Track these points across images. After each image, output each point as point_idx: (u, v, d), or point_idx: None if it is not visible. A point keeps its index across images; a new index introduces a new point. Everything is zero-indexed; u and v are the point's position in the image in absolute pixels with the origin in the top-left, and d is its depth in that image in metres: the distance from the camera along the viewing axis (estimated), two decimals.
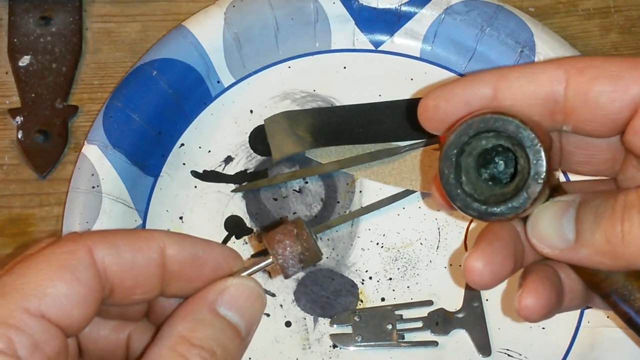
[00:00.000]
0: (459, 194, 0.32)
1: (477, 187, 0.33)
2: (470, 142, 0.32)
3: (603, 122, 0.33)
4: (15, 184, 0.60)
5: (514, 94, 0.33)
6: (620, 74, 0.32)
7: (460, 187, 0.32)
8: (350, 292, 0.56)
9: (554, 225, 0.32)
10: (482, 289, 0.37)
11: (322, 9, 0.62)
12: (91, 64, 0.63)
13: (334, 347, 0.55)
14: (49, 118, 0.60)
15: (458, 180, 0.32)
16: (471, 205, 0.32)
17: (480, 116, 0.32)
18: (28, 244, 0.58)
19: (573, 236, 0.32)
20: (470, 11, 0.61)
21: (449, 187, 0.32)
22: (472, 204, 0.32)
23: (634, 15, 0.65)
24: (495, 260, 0.34)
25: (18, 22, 0.63)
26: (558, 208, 0.32)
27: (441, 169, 0.32)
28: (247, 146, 0.60)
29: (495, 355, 0.54)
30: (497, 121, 0.31)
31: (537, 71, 0.33)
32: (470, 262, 0.34)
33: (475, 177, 0.33)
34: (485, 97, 0.34)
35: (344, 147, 0.60)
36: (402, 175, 0.59)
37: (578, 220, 0.31)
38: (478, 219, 0.32)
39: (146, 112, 0.58)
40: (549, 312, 0.35)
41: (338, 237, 0.58)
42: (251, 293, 0.31)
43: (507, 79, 0.34)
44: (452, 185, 0.32)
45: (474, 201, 0.32)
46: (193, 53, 0.60)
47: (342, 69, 0.63)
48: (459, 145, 0.32)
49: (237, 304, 0.30)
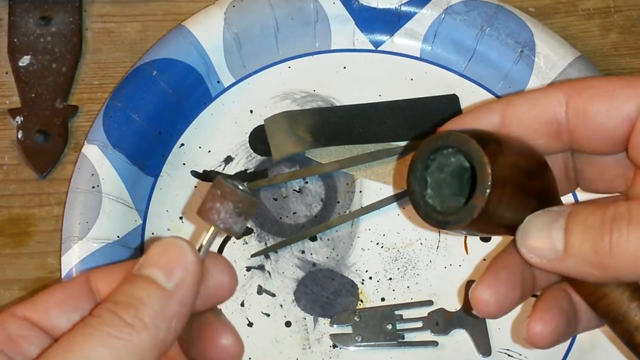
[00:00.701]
0: (420, 204, 0.35)
1: (445, 201, 0.35)
2: (434, 157, 0.34)
3: (604, 140, 0.34)
4: (15, 184, 0.60)
5: (519, 120, 0.35)
6: (615, 93, 0.33)
7: (423, 198, 0.35)
8: (350, 292, 0.56)
9: (542, 235, 0.32)
10: (490, 318, 0.38)
11: (322, 9, 0.62)
12: (91, 64, 0.63)
13: (334, 347, 0.55)
14: (49, 118, 0.60)
15: (422, 192, 0.35)
16: (431, 215, 0.34)
17: (438, 134, 0.34)
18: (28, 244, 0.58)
19: (562, 246, 0.32)
20: (470, 11, 0.61)
21: (413, 198, 0.35)
22: (432, 213, 0.34)
23: (634, 15, 0.65)
24: (501, 290, 0.35)
25: (18, 22, 0.63)
26: (547, 218, 0.33)
27: (408, 182, 0.35)
28: (247, 146, 0.60)
29: (495, 355, 0.54)
30: (450, 137, 0.33)
31: (539, 96, 0.35)
32: (476, 292, 0.35)
33: (450, 192, 0.35)
34: (493, 125, 0.35)
35: (344, 147, 0.60)
36: (402, 175, 0.59)
37: (567, 231, 0.32)
38: (438, 227, 0.34)
39: (146, 112, 0.58)
40: (558, 339, 0.36)
41: (338, 237, 0.58)
42: (164, 243, 0.30)
43: (512, 106, 0.35)
44: (417, 196, 0.35)
45: (433, 211, 0.34)
46: (193, 53, 0.60)
47: (342, 69, 0.63)
48: (423, 160, 0.34)
49: (152, 259, 0.30)
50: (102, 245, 0.54)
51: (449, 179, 0.35)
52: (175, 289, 0.29)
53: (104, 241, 0.54)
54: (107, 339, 0.27)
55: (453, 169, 0.35)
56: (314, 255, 0.57)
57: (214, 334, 0.32)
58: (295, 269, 0.57)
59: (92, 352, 0.27)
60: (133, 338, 0.27)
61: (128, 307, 0.28)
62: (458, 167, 0.34)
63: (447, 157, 0.34)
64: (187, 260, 0.30)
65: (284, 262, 0.57)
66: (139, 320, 0.28)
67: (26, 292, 0.57)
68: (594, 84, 0.34)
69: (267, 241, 0.57)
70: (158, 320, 0.28)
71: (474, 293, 0.35)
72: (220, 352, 0.32)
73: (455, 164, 0.34)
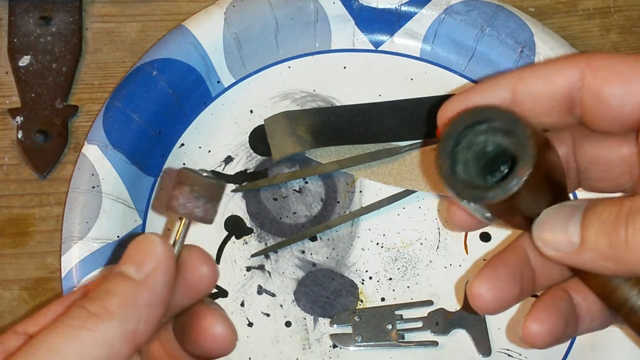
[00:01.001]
0: (452, 180, 0.33)
1: (474, 179, 0.34)
2: (465, 133, 0.33)
3: (614, 121, 0.34)
4: (15, 184, 0.60)
5: (532, 96, 0.35)
6: (630, 77, 0.33)
7: (454, 174, 0.33)
8: (350, 292, 0.56)
9: (559, 229, 0.32)
10: (487, 314, 0.38)
11: (322, 9, 0.62)
12: (91, 64, 0.63)
13: (334, 347, 0.55)
14: (49, 118, 0.60)
15: (453, 169, 0.33)
16: (463, 191, 0.33)
17: (473, 108, 0.33)
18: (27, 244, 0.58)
19: (578, 240, 0.32)
20: (470, 11, 0.61)
21: (443, 174, 0.34)
22: (465, 189, 0.33)
23: (634, 15, 0.65)
24: (498, 286, 0.35)
25: (18, 22, 0.63)
26: (564, 212, 0.33)
27: (438, 158, 0.34)
28: (247, 146, 0.60)
29: (495, 355, 0.54)
30: (488, 111, 0.33)
31: (553, 72, 0.34)
32: (473, 287, 0.35)
33: (474, 173, 0.34)
34: (504, 100, 0.35)
35: (344, 147, 0.60)
36: (402, 175, 0.59)
37: (583, 225, 0.32)
38: (471, 201, 0.33)
39: (146, 112, 0.58)
40: (554, 340, 0.36)
41: (338, 237, 0.58)
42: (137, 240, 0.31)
43: (524, 82, 0.35)
44: (447, 173, 0.33)
45: (466, 187, 0.33)
46: (193, 53, 0.60)
47: (342, 69, 0.63)
48: (454, 136, 0.33)
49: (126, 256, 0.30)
50: (102, 245, 0.54)
51: (472, 160, 0.34)
52: (145, 279, 0.29)
53: (104, 241, 0.55)
54: (72, 330, 0.27)
55: (478, 149, 0.34)
56: (314, 255, 0.57)
57: (204, 324, 0.32)
58: (295, 269, 0.57)
59: (59, 346, 0.27)
60: (99, 327, 0.28)
61: (95, 299, 0.28)
62: (483, 149, 0.34)
63: (477, 135, 0.34)
64: (157, 251, 0.30)
65: (284, 262, 0.57)
66: (104, 309, 0.28)
67: (27, 292, 0.57)
68: (609, 64, 0.33)
69: (267, 241, 0.57)
70: (126, 309, 0.28)
71: (471, 287, 0.35)
72: (212, 340, 0.32)
73: (481, 145, 0.34)
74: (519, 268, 0.36)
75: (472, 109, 0.33)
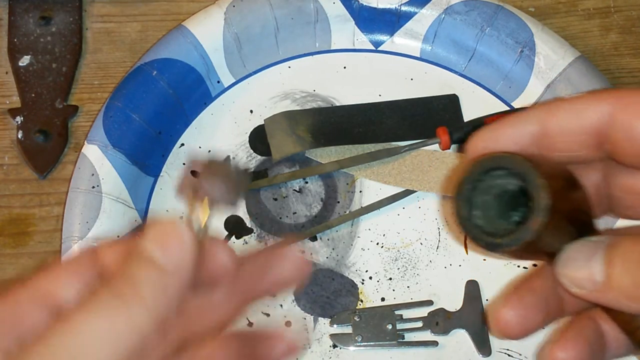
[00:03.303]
0: (469, 225, 0.34)
1: (492, 223, 0.34)
2: (482, 179, 0.34)
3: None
4: (15, 184, 0.60)
5: (562, 130, 0.34)
6: None
7: (470, 219, 0.34)
8: (350, 292, 0.56)
9: (582, 266, 0.32)
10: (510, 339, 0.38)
11: (322, 9, 0.62)
12: (91, 64, 0.63)
13: (334, 347, 0.55)
14: (49, 118, 0.60)
15: (470, 213, 0.34)
16: (479, 237, 0.33)
17: (488, 155, 0.34)
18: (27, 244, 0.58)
19: (602, 278, 0.32)
20: (470, 11, 0.61)
21: (460, 220, 0.34)
22: (481, 235, 0.33)
23: (634, 15, 0.65)
24: (525, 313, 0.35)
25: (18, 22, 0.63)
26: (587, 249, 0.33)
27: (454, 203, 0.34)
28: (247, 146, 0.60)
29: (495, 355, 0.54)
30: (503, 159, 0.33)
31: (584, 107, 0.34)
32: (499, 314, 0.35)
33: (494, 214, 0.34)
34: (534, 135, 0.35)
35: (344, 147, 0.60)
36: (402, 175, 0.59)
37: (607, 263, 0.32)
38: (487, 250, 0.33)
39: (146, 112, 0.58)
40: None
41: (338, 237, 0.58)
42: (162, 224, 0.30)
43: (554, 116, 0.35)
44: (464, 218, 0.34)
45: (482, 233, 0.33)
46: (193, 53, 0.60)
47: (342, 69, 0.63)
48: (471, 181, 0.34)
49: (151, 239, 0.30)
50: None
51: (492, 201, 0.34)
52: (173, 267, 0.29)
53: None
54: (107, 314, 0.27)
55: (499, 190, 0.34)
56: (314, 255, 0.57)
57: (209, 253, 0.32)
58: None
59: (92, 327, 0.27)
60: (132, 313, 0.27)
61: (127, 284, 0.28)
62: (503, 188, 0.34)
63: (495, 179, 0.34)
64: (184, 238, 0.30)
65: None
66: (138, 296, 0.28)
67: None
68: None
69: (267, 241, 0.57)
70: (157, 296, 0.28)
71: (496, 313, 0.35)
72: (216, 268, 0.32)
73: (501, 186, 0.34)
74: (545, 294, 0.35)
75: (489, 155, 0.33)
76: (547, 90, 0.60)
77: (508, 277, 0.56)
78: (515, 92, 0.61)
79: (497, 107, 0.61)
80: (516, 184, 0.33)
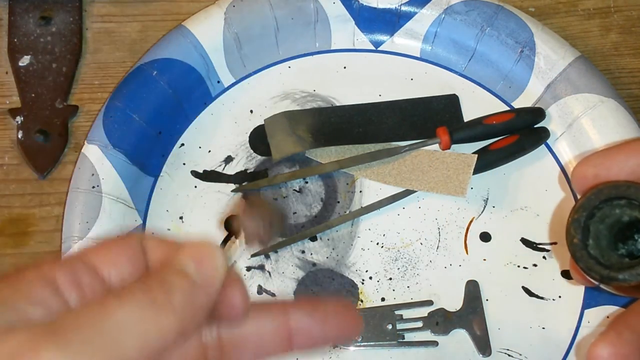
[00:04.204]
0: (583, 255, 0.33)
1: (604, 253, 0.33)
2: (601, 207, 0.33)
3: None
4: (15, 184, 0.60)
5: None
6: None
7: (585, 248, 0.33)
8: (350, 292, 0.56)
9: None
10: None
11: (322, 9, 0.62)
12: (91, 64, 0.63)
13: (334, 347, 0.55)
14: (49, 118, 0.60)
15: (584, 242, 0.33)
16: (594, 268, 0.33)
17: (612, 183, 0.32)
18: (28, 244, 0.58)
19: None
20: (470, 11, 0.61)
21: (574, 248, 0.33)
22: (595, 266, 0.33)
23: (634, 15, 0.65)
24: (621, 352, 0.34)
25: (18, 22, 0.63)
26: None
27: (569, 229, 0.33)
28: (247, 146, 0.60)
29: (495, 355, 0.54)
30: (629, 189, 0.32)
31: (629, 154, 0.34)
32: (595, 349, 0.34)
33: (605, 244, 0.33)
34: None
35: (344, 147, 0.60)
36: (402, 175, 0.59)
37: None
38: (600, 282, 0.33)
39: (146, 112, 0.58)
40: None
41: (338, 237, 0.58)
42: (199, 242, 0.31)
43: None
44: (578, 247, 0.33)
45: (597, 264, 0.33)
46: (193, 53, 0.60)
47: (342, 69, 0.63)
48: (588, 209, 0.33)
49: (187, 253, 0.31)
50: None
51: (605, 231, 0.33)
52: (203, 283, 0.30)
53: None
54: (138, 311, 0.27)
55: (613, 220, 0.33)
56: (314, 255, 0.57)
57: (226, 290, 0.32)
58: (295, 269, 0.57)
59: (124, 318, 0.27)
60: (161, 316, 0.28)
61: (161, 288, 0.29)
62: (618, 219, 0.33)
63: (614, 208, 0.33)
64: (218, 258, 0.31)
65: (284, 262, 0.57)
66: (168, 302, 0.28)
67: None
68: None
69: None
70: (185, 307, 0.29)
71: (592, 348, 0.34)
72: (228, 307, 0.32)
73: (617, 216, 0.33)
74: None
75: (611, 184, 0.32)
76: (547, 90, 0.60)
77: (508, 277, 0.56)
78: (515, 92, 0.61)
79: (497, 107, 0.61)
80: (637, 212, 0.32)
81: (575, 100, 0.59)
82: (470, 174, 0.58)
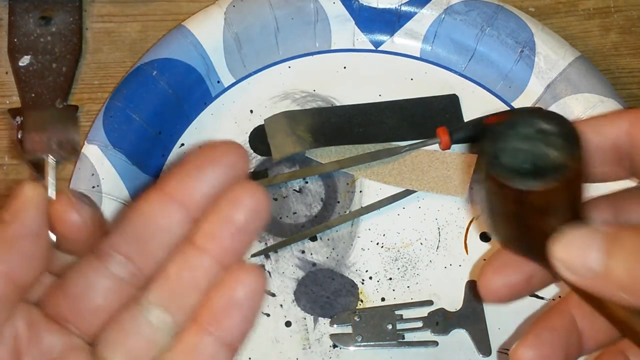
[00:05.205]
0: (495, 164, 0.33)
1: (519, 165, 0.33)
2: (514, 128, 0.33)
3: None
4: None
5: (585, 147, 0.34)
6: None
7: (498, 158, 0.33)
8: (350, 292, 0.56)
9: (579, 252, 0.31)
10: None
11: (322, 9, 0.62)
12: (91, 64, 0.63)
13: (334, 347, 0.55)
14: None
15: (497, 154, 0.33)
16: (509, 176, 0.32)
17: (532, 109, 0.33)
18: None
19: (599, 267, 0.31)
20: (470, 11, 0.61)
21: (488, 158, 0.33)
22: (509, 174, 0.32)
23: (634, 15, 0.65)
24: (543, 352, 0.34)
25: (18, 22, 0.63)
26: (585, 235, 0.32)
27: (483, 142, 0.33)
28: (247, 146, 0.60)
29: (495, 355, 0.54)
30: (545, 113, 0.33)
31: (603, 124, 0.35)
32: (518, 352, 0.34)
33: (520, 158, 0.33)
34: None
35: (344, 147, 0.60)
36: (402, 175, 0.59)
37: (606, 252, 0.31)
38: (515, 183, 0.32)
39: (146, 112, 0.58)
40: None
41: (338, 237, 0.58)
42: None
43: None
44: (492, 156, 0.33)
45: (511, 172, 0.32)
46: (193, 53, 0.60)
47: (342, 69, 0.63)
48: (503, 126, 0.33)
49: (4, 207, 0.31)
50: None
51: (521, 145, 0.33)
52: (12, 216, 0.29)
53: None
54: None
55: (529, 134, 0.33)
56: (314, 255, 0.57)
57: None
58: (295, 269, 0.57)
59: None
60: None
61: None
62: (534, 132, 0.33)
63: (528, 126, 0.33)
64: (24, 191, 0.30)
65: (284, 262, 0.57)
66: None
67: None
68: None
69: (267, 241, 0.57)
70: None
71: (515, 352, 0.34)
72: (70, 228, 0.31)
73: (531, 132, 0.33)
74: (565, 333, 0.35)
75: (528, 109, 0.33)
76: (547, 90, 0.60)
77: None
78: (515, 92, 0.61)
79: (497, 107, 0.61)
80: (551, 129, 0.32)
81: (575, 100, 0.59)
82: (470, 174, 0.58)
